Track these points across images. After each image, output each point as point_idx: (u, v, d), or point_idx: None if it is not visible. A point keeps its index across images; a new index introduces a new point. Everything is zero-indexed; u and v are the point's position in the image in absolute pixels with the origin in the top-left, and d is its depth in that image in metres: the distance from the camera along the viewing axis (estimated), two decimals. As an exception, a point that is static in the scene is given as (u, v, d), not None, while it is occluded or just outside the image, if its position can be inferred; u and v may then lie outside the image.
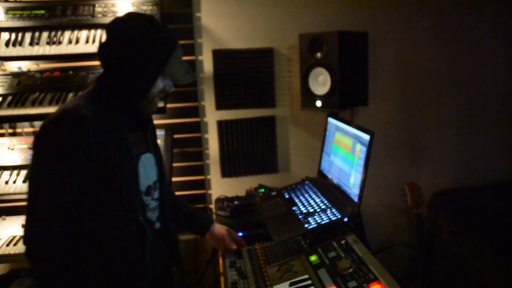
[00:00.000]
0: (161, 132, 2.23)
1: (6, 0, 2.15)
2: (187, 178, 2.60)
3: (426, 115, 2.71)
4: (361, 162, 1.67)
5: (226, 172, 2.62)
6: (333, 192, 1.89)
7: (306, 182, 2.12)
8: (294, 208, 1.83)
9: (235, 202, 2.17)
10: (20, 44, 2.06)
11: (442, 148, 2.76)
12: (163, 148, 2.15)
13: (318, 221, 1.64)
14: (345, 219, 1.61)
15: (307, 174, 2.25)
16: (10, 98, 2.05)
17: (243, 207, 2.15)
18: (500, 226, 2.54)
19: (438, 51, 2.63)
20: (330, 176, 2.02)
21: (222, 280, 1.45)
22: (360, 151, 1.70)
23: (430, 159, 2.76)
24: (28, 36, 2.08)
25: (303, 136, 2.65)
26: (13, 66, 2.28)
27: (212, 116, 2.57)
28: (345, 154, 1.86)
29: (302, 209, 1.79)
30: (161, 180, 1.45)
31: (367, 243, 1.66)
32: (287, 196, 2.00)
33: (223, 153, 2.59)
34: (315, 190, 1.97)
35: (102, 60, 1.27)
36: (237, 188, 2.55)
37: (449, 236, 2.49)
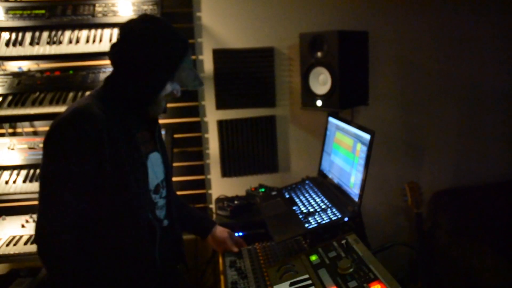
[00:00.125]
0: (161, 132, 2.22)
1: (6, 0, 2.15)
2: (187, 178, 2.60)
3: (426, 115, 2.71)
4: (362, 162, 1.67)
5: (226, 171, 2.62)
6: (333, 192, 1.89)
7: (307, 181, 2.12)
8: (294, 207, 1.83)
9: (235, 202, 2.17)
10: (20, 44, 2.06)
11: (442, 148, 2.76)
12: (163, 147, 2.15)
13: (319, 220, 1.63)
14: (346, 219, 1.61)
15: (308, 173, 2.25)
16: (10, 98, 2.05)
17: (243, 206, 2.15)
18: (500, 226, 2.54)
19: (438, 50, 2.63)
20: (330, 176, 2.02)
21: (222, 279, 1.45)
22: (361, 150, 1.69)
23: (430, 158, 2.76)
24: (28, 36, 2.08)
25: (304, 136, 2.65)
26: (13, 66, 2.27)
27: (212, 116, 2.57)
28: (346, 153, 1.86)
29: (303, 208, 1.79)
30: (168, 179, 1.47)
31: (368, 243, 1.66)
32: (287, 196, 1.99)
33: (223, 152, 2.59)
34: (316, 190, 1.97)
35: (113, 60, 1.27)
36: (237, 187, 2.55)
37: (449, 235, 2.49)
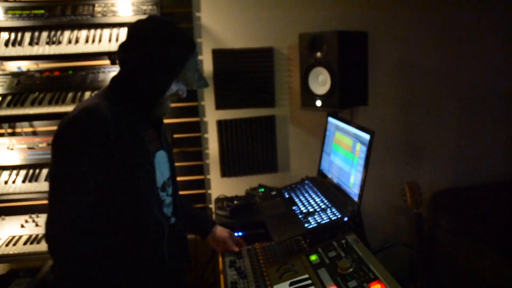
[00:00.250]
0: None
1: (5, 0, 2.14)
2: (186, 178, 2.60)
3: (426, 115, 2.71)
4: (361, 162, 1.67)
5: (226, 171, 2.61)
6: (333, 192, 1.89)
7: (306, 181, 2.12)
8: (294, 207, 1.83)
9: (235, 202, 2.17)
10: (20, 44, 2.05)
11: (442, 148, 2.75)
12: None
13: (318, 220, 1.63)
14: (345, 219, 1.61)
15: (307, 173, 2.25)
16: (9, 98, 2.04)
17: (242, 206, 2.15)
18: (499, 226, 2.54)
19: (438, 50, 2.63)
20: (330, 176, 2.02)
21: (222, 278, 1.45)
22: (360, 150, 1.69)
23: (430, 158, 2.76)
24: (27, 35, 2.07)
25: (303, 136, 2.65)
26: (12, 66, 2.27)
27: (212, 116, 2.57)
28: (345, 153, 1.86)
29: (302, 208, 1.79)
30: (173, 177, 1.49)
31: (367, 243, 1.66)
32: (287, 196, 1.99)
33: (223, 152, 2.59)
34: (315, 190, 1.97)
35: (119, 59, 1.29)
36: (237, 187, 2.54)
37: (448, 235, 2.49)
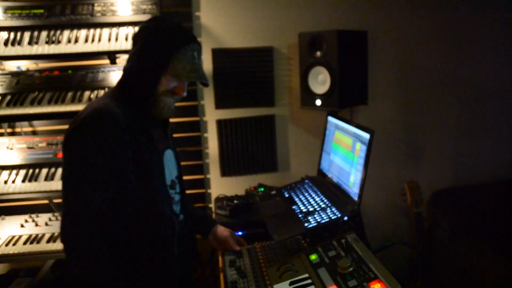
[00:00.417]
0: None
1: (5, -1, 2.14)
2: (186, 177, 2.56)
3: (426, 114, 2.71)
4: (361, 161, 1.67)
5: (226, 171, 2.61)
6: (333, 191, 1.89)
7: (306, 181, 2.12)
8: (294, 207, 1.83)
9: (235, 201, 2.17)
10: (19, 43, 2.05)
11: (442, 147, 2.76)
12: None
13: (318, 220, 1.63)
14: (345, 218, 1.61)
15: (307, 173, 2.25)
16: (9, 97, 2.04)
17: (242, 206, 2.15)
18: (499, 225, 2.54)
19: (438, 50, 2.63)
20: (330, 175, 2.02)
21: (222, 278, 1.45)
22: (360, 150, 1.69)
23: (430, 158, 2.76)
24: (27, 35, 2.07)
25: (303, 135, 2.65)
26: (12, 66, 2.27)
27: (212, 115, 2.56)
28: (345, 153, 1.86)
29: (302, 208, 1.79)
30: (180, 176, 1.51)
31: (367, 242, 1.65)
32: (286, 195, 1.99)
33: (223, 152, 2.59)
34: (315, 189, 1.96)
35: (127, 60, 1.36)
36: (237, 187, 2.55)
37: (448, 235, 2.49)
